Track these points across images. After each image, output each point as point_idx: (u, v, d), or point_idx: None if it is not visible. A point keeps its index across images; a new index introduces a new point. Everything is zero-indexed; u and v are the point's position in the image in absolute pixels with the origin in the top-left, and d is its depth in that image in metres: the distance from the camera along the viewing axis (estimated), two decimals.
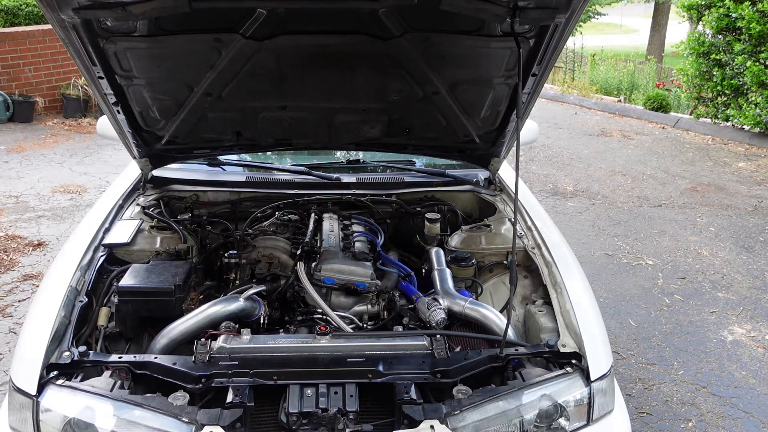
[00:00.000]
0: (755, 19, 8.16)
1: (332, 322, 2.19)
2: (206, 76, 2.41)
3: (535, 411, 1.87)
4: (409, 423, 1.77)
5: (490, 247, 2.75)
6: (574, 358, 2.02)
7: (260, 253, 2.64)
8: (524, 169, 7.63)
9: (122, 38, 2.17)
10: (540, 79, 2.38)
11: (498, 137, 2.86)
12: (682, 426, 3.19)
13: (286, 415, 1.77)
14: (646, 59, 15.36)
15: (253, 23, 2.15)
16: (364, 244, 2.68)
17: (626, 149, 8.81)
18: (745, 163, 8.17)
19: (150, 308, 2.23)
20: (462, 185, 3.22)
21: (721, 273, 4.97)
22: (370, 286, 2.36)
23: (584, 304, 2.20)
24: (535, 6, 1.89)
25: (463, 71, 2.47)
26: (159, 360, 1.93)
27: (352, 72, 2.46)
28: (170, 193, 3.08)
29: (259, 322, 2.28)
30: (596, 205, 6.51)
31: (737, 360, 3.78)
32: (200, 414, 1.75)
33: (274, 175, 3.32)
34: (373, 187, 3.17)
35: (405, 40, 2.24)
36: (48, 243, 5.10)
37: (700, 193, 6.94)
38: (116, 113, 2.53)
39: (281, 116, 2.70)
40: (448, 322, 2.27)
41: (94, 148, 7.86)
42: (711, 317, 4.29)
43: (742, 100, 8.96)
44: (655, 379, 3.57)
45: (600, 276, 4.83)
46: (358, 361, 1.94)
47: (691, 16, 9.66)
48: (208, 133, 2.80)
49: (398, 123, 2.78)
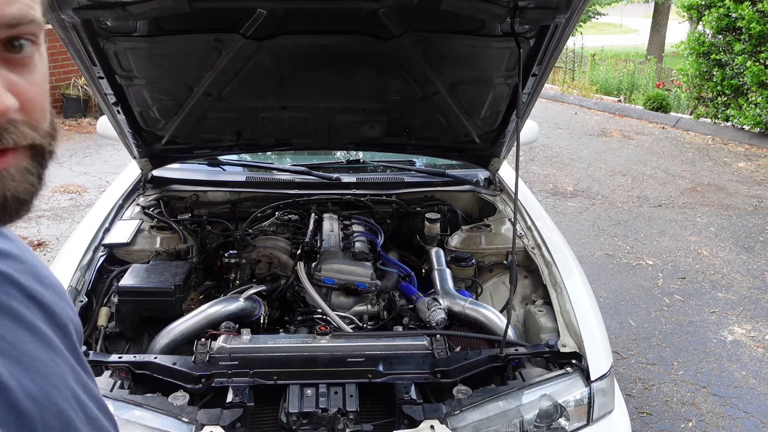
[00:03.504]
0: (755, 19, 8.16)
1: (332, 322, 2.19)
2: (206, 76, 2.41)
3: (535, 411, 1.87)
4: (409, 423, 1.77)
5: (490, 247, 2.75)
6: (574, 358, 2.02)
7: (260, 253, 2.64)
8: (524, 169, 7.63)
9: (122, 38, 2.17)
10: (540, 79, 2.38)
11: (498, 137, 2.86)
12: (682, 426, 3.19)
13: (286, 415, 1.78)
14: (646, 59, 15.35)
15: (253, 23, 2.15)
16: (364, 244, 2.68)
17: (626, 149, 8.81)
18: (745, 163, 8.17)
19: (150, 308, 2.23)
20: (462, 185, 3.22)
21: (721, 273, 4.97)
22: (370, 286, 2.36)
23: (584, 304, 2.20)
24: (535, 6, 1.89)
25: (463, 71, 2.47)
26: (159, 360, 1.93)
27: (352, 72, 2.46)
28: (170, 193, 3.08)
29: (259, 322, 2.28)
30: (596, 205, 6.51)
31: (737, 360, 3.78)
32: (200, 414, 1.75)
33: (274, 175, 3.32)
34: (373, 187, 3.17)
35: (405, 40, 2.24)
36: (48, 243, 5.10)
37: (700, 193, 6.94)
38: (116, 113, 2.53)
39: (281, 116, 2.70)
40: (448, 322, 2.27)
41: (94, 148, 7.85)
42: (711, 317, 4.29)
43: (742, 100, 8.95)
44: (655, 379, 3.57)
45: (600, 276, 4.83)
46: (358, 361, 1.94)
47: (691, 16, 9.65)
48: (208, 133, 2.80)
49: (398, 123, 2.78)
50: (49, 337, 0.70)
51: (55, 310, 0.73)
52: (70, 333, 0.75)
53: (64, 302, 0.77)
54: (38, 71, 0.62)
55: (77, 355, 0.75)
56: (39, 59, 0.62)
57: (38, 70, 0.62)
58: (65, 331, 0.74)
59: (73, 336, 0.76)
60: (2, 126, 0.57)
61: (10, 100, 0.56)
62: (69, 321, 0.76)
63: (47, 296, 0.73)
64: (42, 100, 0.62)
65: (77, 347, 0.76)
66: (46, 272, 0.77)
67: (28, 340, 0.66)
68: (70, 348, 0.73)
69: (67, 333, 0.74)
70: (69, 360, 0.72)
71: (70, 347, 0.74)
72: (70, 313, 0.78)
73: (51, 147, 0.65)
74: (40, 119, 0.62)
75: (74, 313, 0.79)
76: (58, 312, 0.74)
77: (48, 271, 0.78)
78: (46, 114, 0.63)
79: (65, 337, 0.73)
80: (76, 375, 0.72)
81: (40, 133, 0.62)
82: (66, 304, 0.77)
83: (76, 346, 0.76)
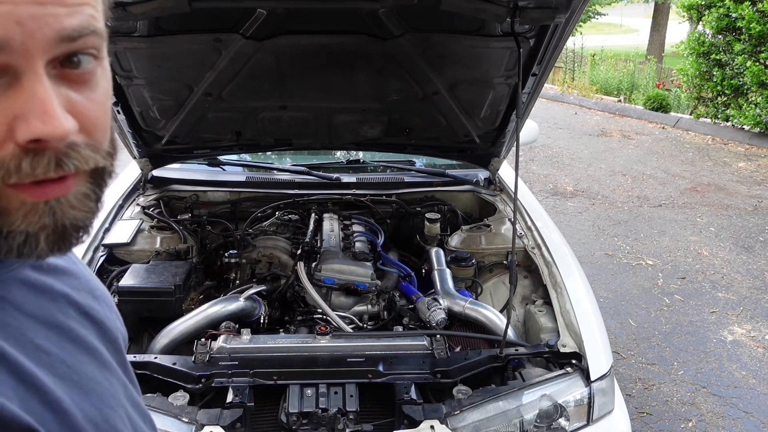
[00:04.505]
0: (755, 19, 8.16)
1: (332, 322, 2.19)
2: (206, 76, 2.41)
3: (535, 411, 1.86)
4: (409, 423, 1.77)
5: (490, 247, 2.75)
6: (574, 358, 2.02)
7: (260, 253, 2.64)
8: (524, 169, 7.63)
9: (122, 38, 2.17)
10: (540, 79, 2.38)
11: (498, 137, 2.86)
12: (682, 426, 3.19)
13: (286, 415, 1.77)
14: (646, 59, 15.34)
15: (253, 23, 2.15)
16: (364, 244, 2.68)
17: (626, 149, 8.81)
18: (745, 163, 8.17)
19: (150, 308, 2.23)
20: (462, 185, 3.21)
21: (721, 273, 4.97)
22: (370, 286, 2.36)
23: (584, 304, 2.20)
24: (535, 6, 1.89)
25: (463, 71, 2.47)
26: (159, 360, 1.93)
27: (352, 72, 2.46)
28: (170, 193, 3.08)
29: (259, 322, 2.28)
30: (596, 205, 6.51)
31: (737, 360, 3.78)
32: (200, 414, 1.75)
33: (274, 175, 3.32)
34: (373, 187, 3.17)
35: (405, 40, 2.24)
36: None
37: (700, 193, 6.94)
38: (116, 113, 2.53)
39: (281, 116, 2.70)
40: (448, 322, 2.27)
41: None
42: (711, 317, 4.29)
43: (742, 100, 8.95)
44: (655, 379, 3.57)
45: (600, 276, 4.83)
46: (358, 361, 1.94)
47: (691, 16, 9.65)
48: (208, 133, 2.80)
49: (398, 123, 2.78)
50: (103, 355, 0.69)
51: (108, 325, 0.73)
52: (120, 347, 0.75)
53: (113, 314, 0.77)
54: (100, 87, 0.57)
55: (126, 367, 0.75)
56: (101, 74, 0.57)
57: (100, 86, 0.57)
58: (116, 346, 0.74)
59: (123, 349, 0.76)
60: (62, 151, 0.52)
61: (70, 122, 0.52)
62: (119, 334, 0.76)
63: (100, 312, 0.72)
64: (105, 120, 0.58)
65: (126, 359, 0.76)
66: (98, 285, 0.76)
67: (86, 361, 0.66)
68: (120, 361, 0.73)
69: (117, 347, 0.74)
70: (121, 377, 0.72)
71: (120, 360, 0.74)
72: (119, 324, 0.78)
73: (111, 167, 0.60)
74: (102, 140, 0.58)
75: (122, 323, 0.79)
76: (110, 326, 0.74)
77: (99, 283, 0.77)
78: (107, 133, 0.59)
79: (116, 352, 0.73)
80: (127, 392, 0.72)
81: (101, 154, 0.57)
82: (115, 316, 0.77)
83: (125, 359, 0.76)
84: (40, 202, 0.54)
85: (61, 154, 0.53)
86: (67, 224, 0.56)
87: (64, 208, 0.56)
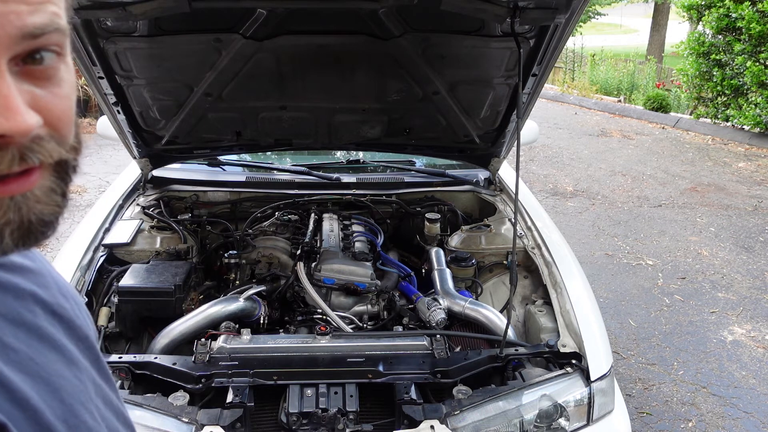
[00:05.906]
0: (755, 19, 8.16)
1: (332, 322, 2.19)
2: (206, 76, 2.41)
3: (535, 411, 1.86)
4: (409, 423, 1.77)
5: (490, 247, 2.75)
6: (574, 358, 2.02)
7: (260, 253, 2.64)
8: (524, 169, 7.63)
9: (122, 38, 2.17)
10: (540, 79, 2.38)
11: (498, 137, 2.86)
12: (682, 426, 3.19)
13: (286, 415, 1.78)
14: (646, 59, 15.35)
15: (253, 23, 2.15)
16: (364, 244, 2.68)
17: (626, 149, 8.81)
18: (745, 163, 8.17)
19: (150, 308, 2.23)
20: (462, 185, 3.22)
21: (721, 273, 4.97)
22: (370, 286, 2.36)
23: (584, 304, 2.20)
24: (535, 6, 1.89)
25: (463, 71, 2.47)
26: (159, 360, 1.93)
27: (352, 72, 2.46)
28: (170, 193, 3.08)
29: (259, 322, 2.28)
30: (596, 205, 6.51)
31: (737, 360, 3.78)
32: (200, 414, 1.75)
33: (274, 175, 3.32)
34: (373, 187, 3.17)
35: (405, 40, 2.24)
36: (48, 243, 5.09)
37: (700, 193, 6.94)
38: (116, 113, 2.53)
39: (281, 116, 2.70)
40: (448, 322, 2.27)
41: (94, 149, 7.85)
42: (711, 317, 4.29)
43: (742, 100, 8.96)
44: (655, 379, 3.57)
45: (600, 276, 4.83)
46: (358, 361, 1.94)
47: (691, 16, 9.66)
48: (208, 133, 2.80)
49: (398, 123, 2.78)
50: (72, 353, 0.69)
51: (77, 323, 0.73)
52: (92, 344, 0.75)
53: (82, 312, 0.76)
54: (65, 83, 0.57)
55: (99, 365, 0.75)
56: (65, 69, 0.58)
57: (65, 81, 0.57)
58: (87, 343, 0.73)
59: (95, 346, 0.76)
60: (26, 145, 0.53)
61: (34, 118, 0.52)
62: (90, 332, 0.75)
63: (69, 309, 0.72)
64: (69, 114, 0.58)
65: (99, 356, 0.75)
66: (65, 283, 0.76)
67: (55, 359, 0.66)
68: (92, 359, 0.73)
69: (89, 345, 0.74)
70: (92, 375, 0.71)
71: (93, 358, 0.73)
72: (89, 322, 0.77)
73: (75, 162, 0.61)
74: (67, 134, 0.58)
75: (91, 321, 0.79)
76: (80, 324, 0.73)
77: (66, 282, 0.77)
78: (72, 127, 0.59)
79: (87, 349, 0.73)
80: (98, 390, 0.71)
81: (65, 147, 0.58)
82: (85, 314, 0.77)
83: (99, 356, 0.75)
84: (5, 197, 0.54)
85: (24, 148, 0.53)
86: (33, 219, 0.57)
87: (30, 203, 0.56)
